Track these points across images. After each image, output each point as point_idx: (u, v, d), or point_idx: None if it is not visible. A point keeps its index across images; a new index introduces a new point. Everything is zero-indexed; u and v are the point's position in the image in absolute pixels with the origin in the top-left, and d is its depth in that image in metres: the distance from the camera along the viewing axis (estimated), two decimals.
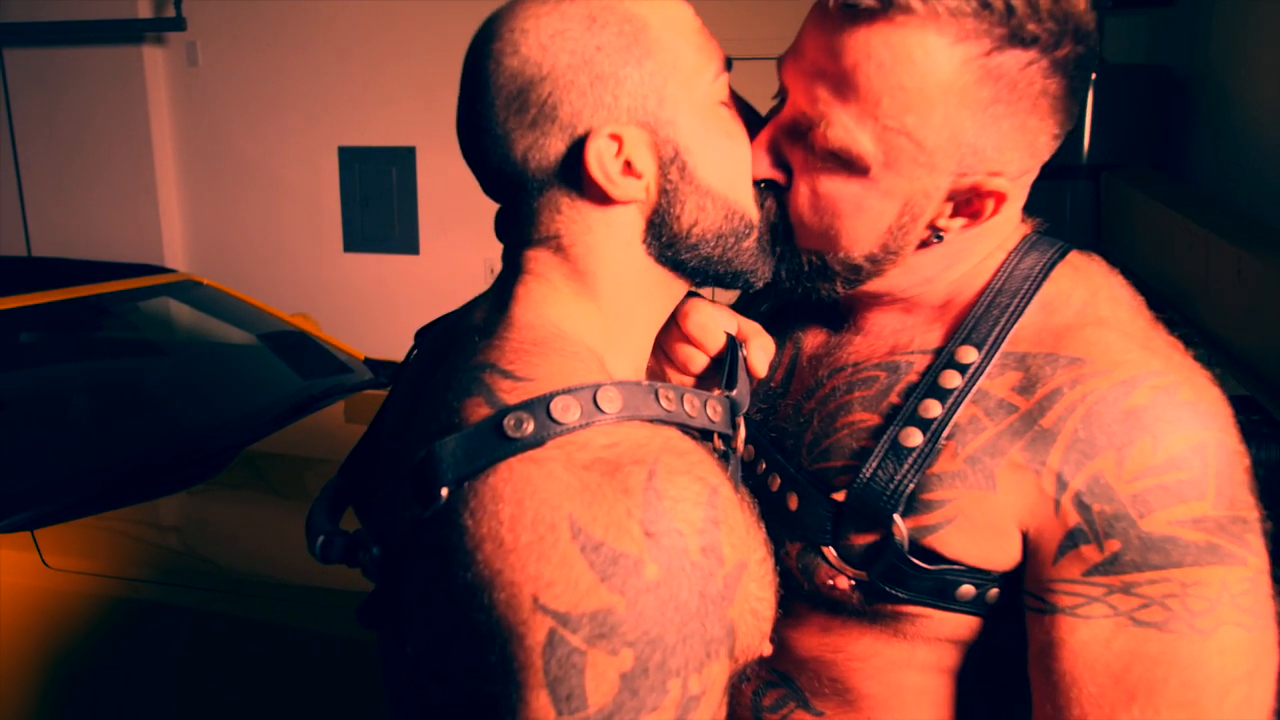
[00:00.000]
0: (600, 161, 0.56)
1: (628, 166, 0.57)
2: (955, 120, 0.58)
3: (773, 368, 0.77)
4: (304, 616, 1.48)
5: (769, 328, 0.77)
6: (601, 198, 0.58)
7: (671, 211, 0.59)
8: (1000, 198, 0.61)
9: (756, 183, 0.64)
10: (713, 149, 0.60)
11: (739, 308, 0.80)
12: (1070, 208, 3.00)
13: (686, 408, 0.56)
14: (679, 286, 0.65)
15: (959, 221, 0.63)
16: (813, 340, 0.77)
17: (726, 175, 0.61)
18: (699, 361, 0.71)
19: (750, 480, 0.72)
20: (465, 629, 0.47)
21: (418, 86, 4.24)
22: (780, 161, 0.64)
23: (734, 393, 0.64)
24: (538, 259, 0.61)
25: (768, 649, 0.64)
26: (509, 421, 0.49)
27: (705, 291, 0.73)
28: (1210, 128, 2.86)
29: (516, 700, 0.45)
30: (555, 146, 0.57)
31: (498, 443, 0.49)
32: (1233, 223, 2.03)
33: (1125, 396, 0.58)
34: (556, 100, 0.55)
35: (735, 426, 0.63)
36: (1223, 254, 1.87)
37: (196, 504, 1.90)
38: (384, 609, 0.60)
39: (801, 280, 0.68)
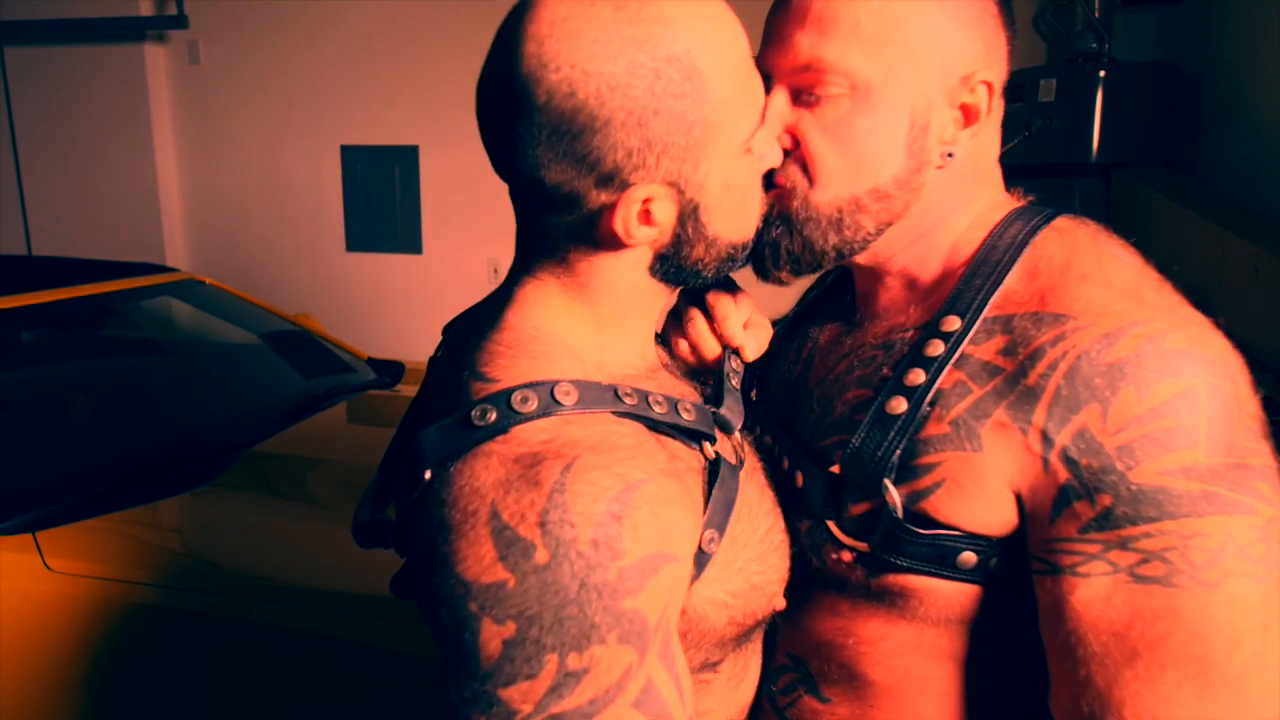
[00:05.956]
0: (624, 219, 0.60)
1: (646, 215, 0.61)
2: (929, 18, 0.64)
3: (792, 363, 0.81)
4: (308, 620, 1.46)
5: (791, 332, 0.84)
6: (617, 243, 0.62)
7: (680, 252, 0.64)
8: (989, 87, 0.66)
9: (767, 175, 0.67)
10: (728, 205, 0.63)
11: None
12: (1080, 206, 2.98)
13: (652, 405, 0.62)
14: (673, 292, 0.71)
15: (966, 133, 0.67)
16: (828, 335, 0.79)
17: (737, 225, 0.66)
18: (695, 360, 0.76)
19: (770, 465, 0.76)
20: (427, 590, 0.56)
21: (421, 85, 4.23)
22: (785, 136, 0.68)
23: (721, 409, 0.68)
24: (544, 267, 0.66)
25: (780, 604, 0.70)
26: (475, 413, 0.57)
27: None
28: (1222, 125, 2.84)
29: (442, 649, 0.55)
30: (589, 191, 0.59)
31: (466, 432, 0.57)
32: (1249, 221, 2.01)
33: (1109, 348, 0.57)
34: (601, 155, 0.57)
35: (728, 435, 0.68)
36: (1240, 252, 1.85)
37: (199, 505, 1.88)
38: (409, 579, 0.71)
39: (818, 246, 0.69)
